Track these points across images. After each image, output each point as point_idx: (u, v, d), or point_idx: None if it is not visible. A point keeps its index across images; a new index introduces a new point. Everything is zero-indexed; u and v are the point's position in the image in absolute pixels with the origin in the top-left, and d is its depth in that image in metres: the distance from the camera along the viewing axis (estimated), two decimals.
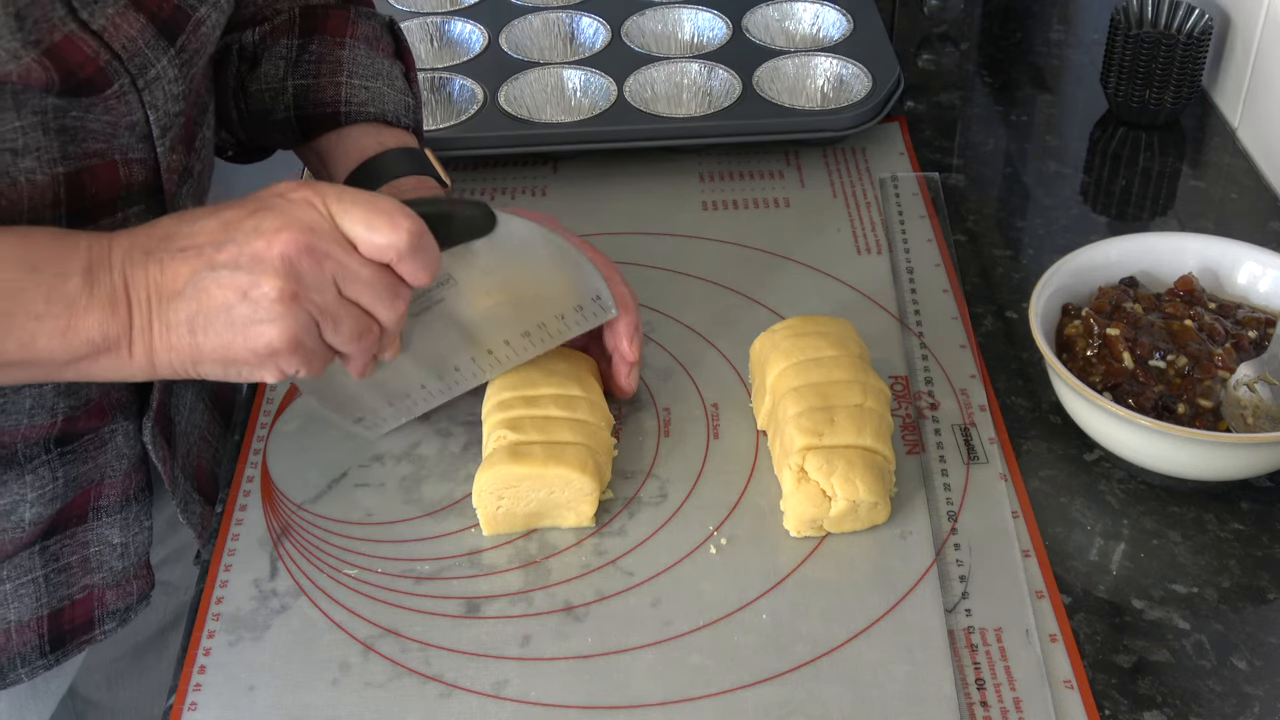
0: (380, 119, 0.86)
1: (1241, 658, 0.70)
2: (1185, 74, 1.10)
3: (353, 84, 0.85)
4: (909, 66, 1.25)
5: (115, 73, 0.68)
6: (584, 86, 1.13)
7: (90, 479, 0.79)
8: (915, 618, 0.72)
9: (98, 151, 0.69)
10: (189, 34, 0.73)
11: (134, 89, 0.69)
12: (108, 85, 0.68)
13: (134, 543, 0.82)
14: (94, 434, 0.78)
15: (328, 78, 0.85)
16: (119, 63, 0.68)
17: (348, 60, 0.86)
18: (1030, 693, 0.68)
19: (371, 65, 0.87)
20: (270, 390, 0.89)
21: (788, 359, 0.80)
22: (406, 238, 0.64)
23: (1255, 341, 0.82)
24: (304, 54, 0.86)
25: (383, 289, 0.65)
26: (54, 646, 0.80)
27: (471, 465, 0.82)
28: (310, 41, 0.86)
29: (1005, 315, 0.94)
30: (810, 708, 0.68)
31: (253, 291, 0.62)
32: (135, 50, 0.69)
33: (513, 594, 0.75)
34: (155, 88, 0.70)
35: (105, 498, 0.80)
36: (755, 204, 1.05)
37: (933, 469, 0.81)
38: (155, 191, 0.73)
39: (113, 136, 0.69)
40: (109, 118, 0.69)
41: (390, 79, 0.87)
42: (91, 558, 0.80)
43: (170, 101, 0.72)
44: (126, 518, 0.81)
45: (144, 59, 0.69)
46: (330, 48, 0.86)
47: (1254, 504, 0.79)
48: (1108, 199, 1.08)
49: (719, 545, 0.77)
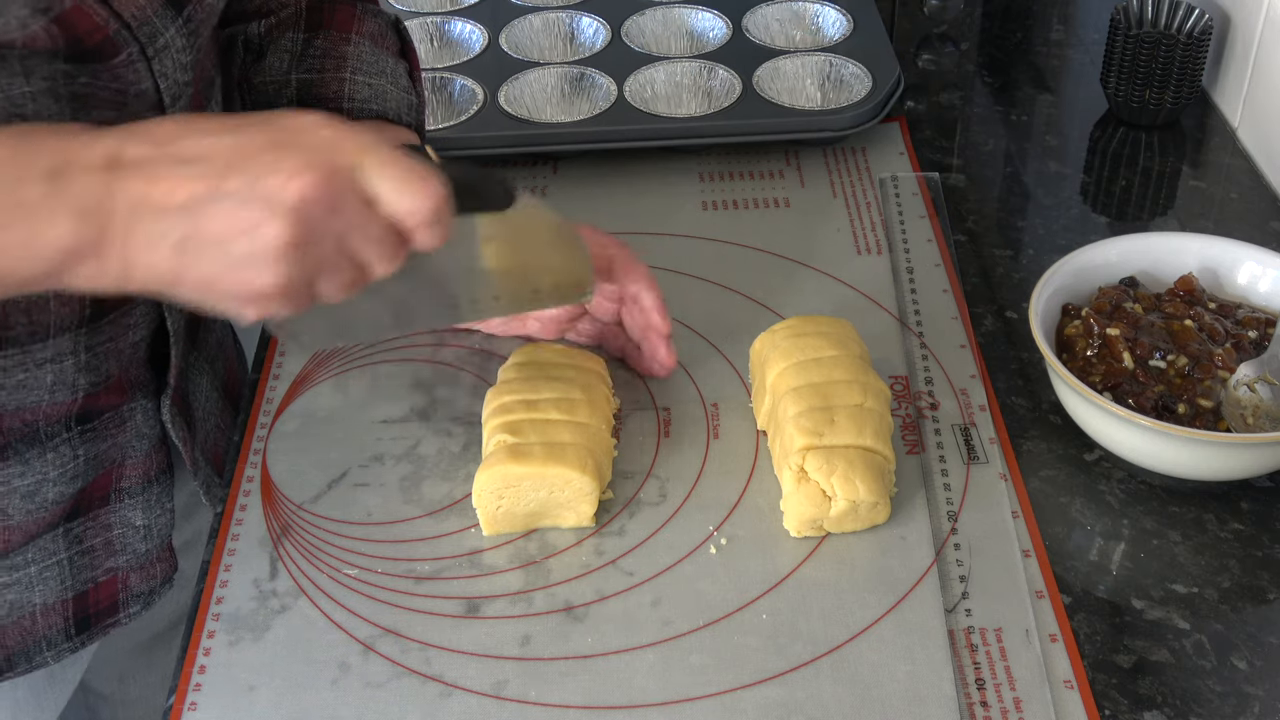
0: (383, 116, 0.86)
1: (1241, 658, 0.70)
2: (1185, 74, 1.10)
3: (356, 80, 0.85)
4: (909, 66, 1.25)
5: (124, 41, 0.67)
6: (584, 86, 1.13)
7: (111, 458, 0.79)
8: (915, 618, 0.72)
9: (108, 120, 0.67)
10: (194, 4, 0.73)
11: (143, 57, 0.69)
12: (116, 53, 0.67)
13: (156, 525, 0.82)
14: (114, 411, 0.78)
15: (332, 73, 0.85)
16: (128, 31, 0.67)
17: (352, 56, 0.86)
18: (1030, 693, 0.68)
19: (376, 63, 0.87)
20: (270, 390, 0.89)
21: (788, 359, 0.80)
22: (433, 206, 0.61)
23: (1255, 341, 0.82)
24: (309, 48, 0.86)
25: (387, 247, 0.62)
26: (79, 629, 0.80)
27: (471, 465, 0.82)
28: (316, 36, 0.86)
29: (1005, 315, 0.94)
30: (810, 708, 0.68)
31: (257, 231, 0.57)
32: (144, 19, 0.68)
33: (513, 594, 0.75)
34: (164, 56, 0.70)
35: (127, 479, 0.80)
36: (755, 204, 1.05)
37: (933, 469, 0.81)
38: None
39: (123, 105, 0.69)
40: (118, 85, 0.68)
41: (394, 77, 0.87)
42: (115, 540, 0.81)
43: (179, 71, 0.72)
44: (149, 499, 0.82)
45: (153, 28, 0.69)
46: (335, 43, 0.86)
47: (1254, 504, 0.79)
48: (1108, 199, 1.08)
49: (719, 545, 0.77)
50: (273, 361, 0.92)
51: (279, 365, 0.91)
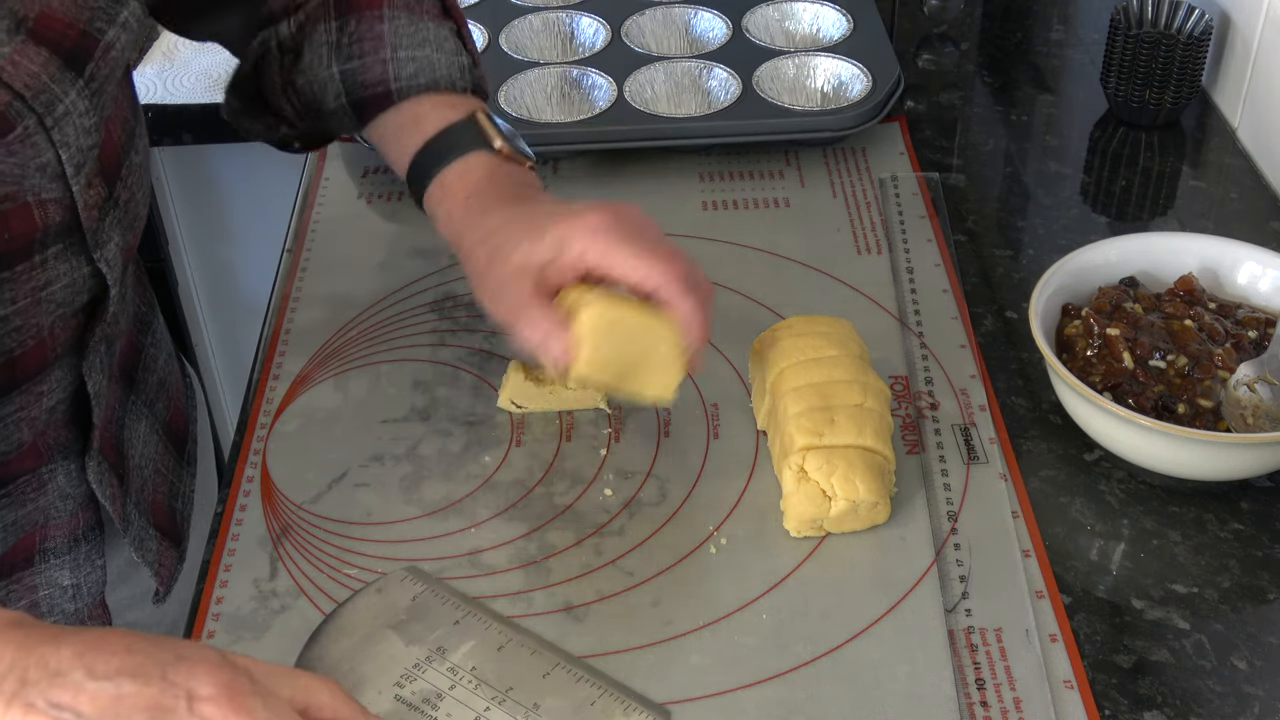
0: (434, 88, 0.81)
1: (1241, 658, 0.70)
2: (1185, 74, 1.10)
3: (399, 57, 0.81)
4: (909, 66, 1.25)
5: (18, 114, 0.63)
6: (584, 86, 1.13)
7: (33, 521, 0.75)
8: (915, 618, 0.72)
9: (8, 195, 0.64)
10: (98, 60, 0.68)
11: (41, 128, 0.64)
12: (10, 129, 0.63)
13: (86, 583, 0.79)
14: (31, 475, 0.74)
15: (372, 56, 0.81)
16: (22, 103, 0.63)
17: (389, 34, 0.81)
18: (1030, 693, 0.68)
19: (415, 33, 0.82)
20: (270, 390, 0.89)
21: (788, 359, 0.80)
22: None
23: (1255, 341, 0.82)
24: (343, 36, 0.82)
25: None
26: None
27: (471, 465, 0.82)
28: (348, 21, 0.82)
29: (1005, 315, 0.94)
30: (810, 708, 0.68)
31: None
32: (40, 87, 0.64)
33: (513, 594, 0.74)
34: (65, 124, 0.66)
35: (52, 539, 0.77)
36: (755, 204, 1.05)
37: (933, 469, 0.81)
38: (74, 229, 0.69)
39: (22, 178, 0.64)
40: (15, 159, 0.64)
41: (438, 42, 0.82)
42: (41, 601, 0.77)
43: (82, 135, 0.67)
44: (76, 558, 0.78)
45: (50, 95, 0.64)
46: (370, 23, 0.82)
47: (1254, 504, 0.79)
48: (1108, 199, 1.08)
49: (719, 545, 0.77)
50: (273, 362, 0.92)
51: (279, 365, 0.91)
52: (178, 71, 1.40)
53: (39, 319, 0.69)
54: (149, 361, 0.88)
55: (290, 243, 1.03)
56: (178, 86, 1.37)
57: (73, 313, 0.71)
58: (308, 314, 0.96)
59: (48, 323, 0.70)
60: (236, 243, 1.68)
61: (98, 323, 0.74)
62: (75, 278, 0.70)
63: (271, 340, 0.93)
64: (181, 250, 1.65)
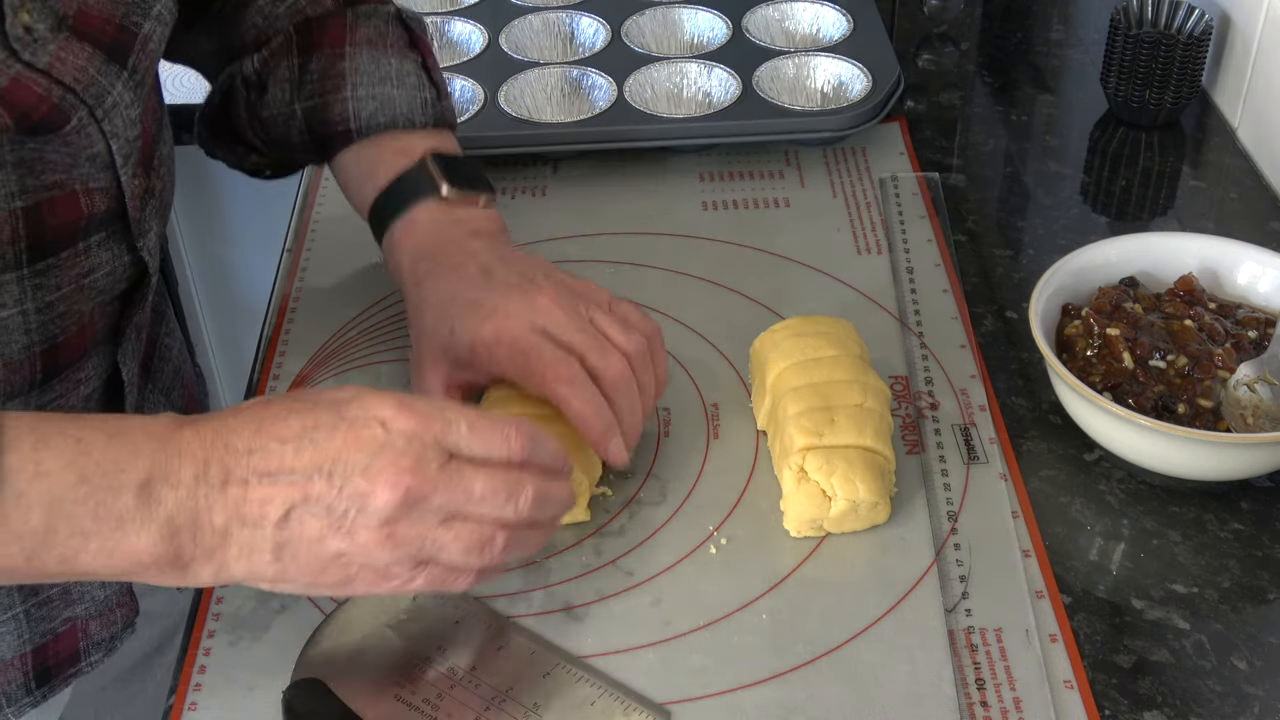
0: (393, 126, 0.84)
1: (1241, 658, 0.70)
2: (1185, 74, 1.10)
3: (359, 95, 0.83)
4: (909, 66, 1.25)
5: (71, 106, 0.65)
6: (584, 86, 1.13)
7: None
8: (915, 618, 0.72)
9: (57, 183, 0.66)
10: (138, 53, 0.70)
11: (93, 120, 0.66)
12: (65, 121, 0.65)
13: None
14: None
15: (333, 94, 0.83)
16: (74, 95, 0.65)
17: (349, 71, 0.83)
18: (1030, 693, 0.68)
19: (377, 70, 0.84)
20: (270, 390, 0.89)
21: (788, 359, 0.80)
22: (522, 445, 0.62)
23: (1255, 341, 0.82)
24: (305, 74, 0.84)
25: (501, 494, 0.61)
26: (40, 682, 0.78)
27: None
28: (310, 59, 0.84)
29: (1005, 315, 0.94)
30: (810, 708, 0.68)
31: (348, 532, 0.58)
32: (89, 80, 0.66)
33: (512, 594, 0.74)
34: (114, 115, 0.68)
35: None
36: (755, 204, 1.05)
37: (933, 469, 0.81)
38: (119, 218, 0.71)
39: (72, 167, 0.67)
40: (68, 150, 0.66)
41: (400, 78, 0.84)
42: (72, 589, 0.78)
43: (129, 126, 0.69)
44: None
45: (99, 88, 0.66)
46: (331, 61, 0.84)
47: (1254, 504, 0.79)
48: (1108, 199, 1.08)
49: (719, 545, 0.77)
50: (273, 362, 0.92)
51: (279, 365, 0.91)
52: (178, 72, 1.40)
53: (81, 305, 0.71)
54: (164, 351, 0.89)
55: (290, 243, 1.03)
56: (178, 87, 1.37)
57: (110, 300, 0.74)
58: (308, 314, 0.96)
59: (88, 309, 0.71)
60: (236, 243, 1.68)
61: (134, 310, 0.76)
62: (116, 265, 0.72)
63: (271, 340, 0.93)
64: (181, 250, 1.65)
